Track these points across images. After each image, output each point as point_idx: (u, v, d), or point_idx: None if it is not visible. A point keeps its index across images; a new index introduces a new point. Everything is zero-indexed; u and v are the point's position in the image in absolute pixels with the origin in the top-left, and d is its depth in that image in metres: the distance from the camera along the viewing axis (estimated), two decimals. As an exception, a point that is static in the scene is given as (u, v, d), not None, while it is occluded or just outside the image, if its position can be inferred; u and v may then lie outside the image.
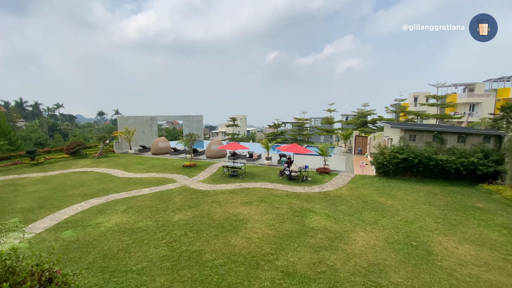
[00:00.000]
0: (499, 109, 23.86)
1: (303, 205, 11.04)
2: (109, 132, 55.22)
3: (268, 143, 20.81)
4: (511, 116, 21.20)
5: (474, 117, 36.22)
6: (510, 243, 7.82)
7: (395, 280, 6.05)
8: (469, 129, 18.03)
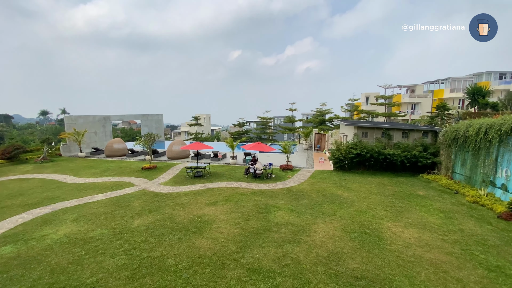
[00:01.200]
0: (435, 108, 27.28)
1: (268, 202, 11.29)
2: (54, 133, 49.41)
3: (233, 142, 20.77)
4: (444, 114, 24.39)
5: (415, 115, 40.83)
6: (446, 225, 9.01)
7: (352, 266, 6.56)
8: (411, 126, 20.27)
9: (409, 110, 42.76)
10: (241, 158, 21.59)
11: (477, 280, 6.02)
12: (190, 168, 16.41)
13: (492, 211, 10.01)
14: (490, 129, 11.22)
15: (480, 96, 22.71)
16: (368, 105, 47.37)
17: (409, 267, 6.51)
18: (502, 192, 10.79)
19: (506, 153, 10.59)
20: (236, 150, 21.96)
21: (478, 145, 11.98)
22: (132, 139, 47.80)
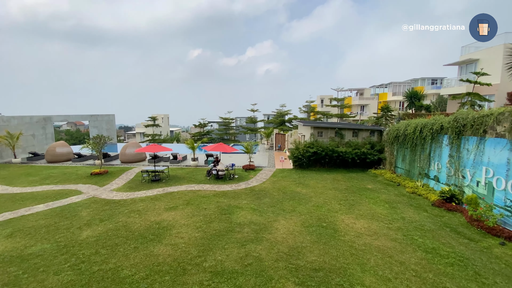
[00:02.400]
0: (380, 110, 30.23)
1: (231, 203, 11.25)
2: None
3: (194, 143, 20.20)
4: (388, 115, 27.17)
5: (364, 116, 44.72)
6: (390, 214, 10.05)
7: (310, 259, 6.91)
8: (360, 126, 22.16)
9: (358, 111, 46.69)
10: (202, 160, 21.12)
11: (417, 261, 6.84)
12: (147, 172, 15.49)
13: (427, 200, 11.48)
14: (424, 128, 12.87)
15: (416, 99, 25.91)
16: (323, 106, 50.43)
17: (361, 255, 7.12)
18: (435, 183, 12.45)
19: (437, 148, 12.25)
20: (198, 151, 21.42)
21: (415, 142, 13.64)
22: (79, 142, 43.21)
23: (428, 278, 6.12)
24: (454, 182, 11.05)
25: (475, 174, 9.94)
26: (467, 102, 17.03)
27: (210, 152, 21.32)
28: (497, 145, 9.00)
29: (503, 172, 8.76)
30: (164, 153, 23.21)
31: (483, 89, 18.83)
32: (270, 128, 33.82)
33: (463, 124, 10.47)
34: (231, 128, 47.58)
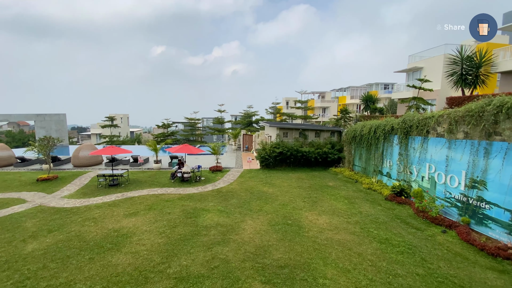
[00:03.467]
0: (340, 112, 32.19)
1: (197, 206, 10.99)
2: None
3: (157, 144, 19.28)
4: (346, 117, 29.02)
5: (325, 117, 47.17)
6: (349, 209, 10.75)
7: (276, 256, 7.07)
8: (322, 127, 23.33)
9: (320, 113, 49.11)
10: (166, 162, 20.28)
11: (372, 252, 7.41)
12: (103, 176, 14.36)
13: (381, 195, 12.53)
14: (378, 129, 14.03)
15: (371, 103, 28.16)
16: (288, 108, 51.99)
17: (323, 249, 7.49)
18: (387, 179, 13.63)
19: (389, 147, 13.44)
20: (161, 153, 20.52)
21: (370, 142, 14.80)
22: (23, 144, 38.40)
23: (382, 266, 6.68)
24: (403, 178, 12.23)
25: (420, 170, 11.13)
26: (413, 105, 18.98)
27: (174, 154, 20.57)
28: (438, 144, 10.20)
29: (443, 167, 9.96)
30: (124, 156, 21.76)
31: (427, 94, 21.20)
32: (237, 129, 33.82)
33: (410, 125, 11.66)
34: (197, 129, 46.48)
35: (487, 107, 8.00)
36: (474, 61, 15.94)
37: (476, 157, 8.54)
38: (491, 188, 8.11)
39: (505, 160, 7.65)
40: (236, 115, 58.71)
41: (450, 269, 6.58)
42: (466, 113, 8.75)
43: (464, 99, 13.42)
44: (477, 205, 8.58)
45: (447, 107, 14.39)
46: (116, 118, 48.79)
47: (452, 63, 16.70)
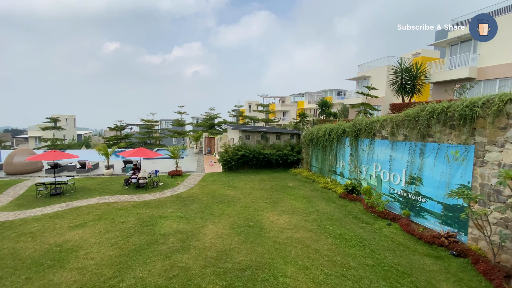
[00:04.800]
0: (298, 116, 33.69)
1: (154, 213, 10.39)
2: None
3: (108, 148, 17.78)
4: (304, 120, 30.50)
5: (285, 121, 48.89)
6: (307, 208, 11.26)
7: (238, 259, 7.05)
8: (282, 130, 24.13)
9: (281, 117, 50.78)
10: (119, 167, 18.82)
11: (328, 247, 7.87)
12: (44, 185, 12.72)
13: (336, 193, 13.40)
14: (332, 132, 15.02)
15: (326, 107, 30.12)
16: (251, 111, 52.65)
17: (283, 248, 7.71)
18: (341, 178, 14.65)
19: (341, 149, 14.47)
20: (113, 158, 18.97)
21: (325, 144, 15.77)
22: None
23: (337, 260, 7.14)
24: (354, 177, 13.29)
25: (369, 169, 12.22)
26: (362, 110, 20.81)
27: (128, 158, 19.20)
28: (382, 145, 11.33)
29: (387, 166, 11.08)
30: (69, 161, 19.59)
31: (373, 100, 23.43)
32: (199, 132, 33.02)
33: (359, 129, 12.73)
34: (155, 132, 44.13)
35: (421, 112, 9.16)
36: (411, 72, 18.18)
37: (414, 156, 9.71)
38: (426, 184, 9.29)
39: (437, 159, 8.84)
40: (198, 117, 57.32)
41: (395, 258, 7.33)
42: (405, 118, 9.90)
43: (404, 106, 15.17)
44: (415, 199, 9.74)
45: (390, 113, 16.08)
46: (60, 119, 43.75)
47: (394, 73, 18.80)
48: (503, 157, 6.96)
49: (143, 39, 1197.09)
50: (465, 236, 7.98)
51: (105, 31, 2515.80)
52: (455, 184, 8.18)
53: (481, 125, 7.48)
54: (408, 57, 23.12)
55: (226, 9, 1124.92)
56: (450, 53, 17.84)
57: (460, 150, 8.04)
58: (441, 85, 18.14)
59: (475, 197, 6.91)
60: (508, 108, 6.81)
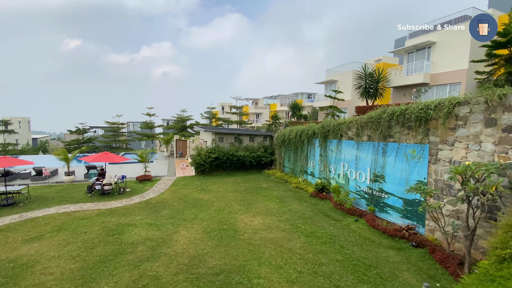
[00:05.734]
0: (271, 118, 34.22)
1: (121, 221, 9.83)
2: None
3: (68, 153, 16.46)
4: (277, 122, 31.08)
5: (258, 123, 49.35)
6: (280, 208, 11.45)
7: (211, 264, 6.94)
8: (255, 132, 24.33)
9: (254, 119, 51.16)
10: (82, 173, 17.52)
11: (301, 246, 8.08)
12: (-9, 196, 11.38)
13: (307, 192, 13.82)
14: (303, 133, 15.50)
15: (297, 110, 31.02)
16: (224, 113, 52.30)
17: (257, 250, 7.76)
18: (311, 178, 15.15)
19: (312, 149, 14.99)
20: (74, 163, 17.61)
21: (297, 145, 16.21)
22: None
23: (309, 258, 7.36)
24: (324, 176, 13.83)
25: (337, 168, 12.81)
26: (330, 113, 21.76)
27: (92, 164, 17.97)
28: (349, 146, 11.95)
29: (353, 166, 11.71)
30: (23, 168, 17.78)
31: (340, 103, 24.63)
32: (170, 134, 31.97)
33: (327, 130, 13.30)
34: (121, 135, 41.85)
35: (383, 115, 9.85)
36: (374, 77, 19.45)
37: (377, 156, 10.39)
38: (388, 181, 9.98)
39: (397, 158, 9.55)
40: (169, 119, 55.44)
41: (362, 252, 7.75)
42: (368, 120, 10.56)
43: (368, 108, 16.17)
44: (379, 195, 10.41)
45: (356, 115, 17.03)
46: (12, 122, 39.57)
47: (358, 78, 19.98)
48: (453, 155, 7.74)
49: (108, 37, 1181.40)
50: (423, 228, 8.71)
51: (65, 26, 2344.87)
52: (413, 180, 8.91)
53: (434, 126, 8.25)
54: (371, 63, 24.71)
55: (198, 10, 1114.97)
56: (407, 60, 19.44)
57: (417, 149, 8.78)
58: (400, 89, 19.67)
59: (430, 191, 7.61)
60: (457, 111, 7.60)
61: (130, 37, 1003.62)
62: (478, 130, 7.06)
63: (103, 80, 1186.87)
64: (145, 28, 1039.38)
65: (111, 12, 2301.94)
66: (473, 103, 7.16)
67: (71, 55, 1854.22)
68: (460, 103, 7.51)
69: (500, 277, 3.68)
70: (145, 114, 42.08)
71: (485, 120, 6.90)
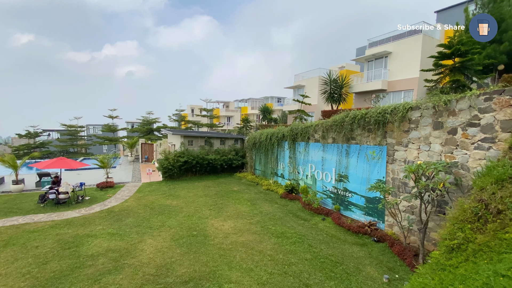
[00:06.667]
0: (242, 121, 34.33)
1: (79, 232, 9.05)
2: None
3: (17, 159, 14.76)
4: (247, 125, 31.26)
5: (230, 126, 49.16)
6: (251, 211, 11.48)
7: (180, 272, 6.70)
8: (226, 135, 24.18)
9: (225, 122, 50.85)
10: (33, 181, 15.81)
11: (272, 247, 8.17)
12: None
13: (277, 194, 14.06)
14: (273, 136, 15.79)
15: (268, 113, 31.55)
16: (194, 116, 51.11)
17: (228, 254, 7.68)
18: (281, 179, 15.46)
19: (281, 152, 15.32)
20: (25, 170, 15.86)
21: (267, 148, 16.46)
22: None
23: (279, 258, 7.48)
24: (293, 177, 14.22)
25: (305, 169, 13.25)
26: (298, 116, 22.50)
27: (45, 171, 16.32)
28: (316, 148, 12.45)
29: (320, 167, 12.21)
30: (-44, 178, 15.50)
31: (308, 107, 25.61)
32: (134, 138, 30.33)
33: (296, 133, 13.73)
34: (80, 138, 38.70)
35: (346, 118, 10.45)
36: (338, 83, 20.57)
37: (341, 157, 10.97)
38: (351, 180, 10.58)
39: (359, 158, 10.18)
40: (134, 122, 52.59)
41: (329, 250, 8.09)
42: (333, 123, 11.13)
43: (333, 112, 17.04)
44: (343, 194, 10.98)
45: (322, 118, 17.84)
46: None
47: (324, 84, 20.98)
48: (407, 155, 8.48)
49: (65, 33, 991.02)
50: (383, 224, 9.38)
51: (15, 20, 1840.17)
52: (373, 179, 9.56)
53: (390, 129, 8.97)
54: (335, 69, 26.12)
55: (166, 10, 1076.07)
56: (367, 68, 20.92)
57: (376, 150, 9.46)
58: (361, 94, 21.07)
59: (388, 189, 8.24)
60: (410, 115, 8.35)
61: (90, 34, 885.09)
62: (428, 132, 7.84)
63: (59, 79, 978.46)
64: (108, 26, 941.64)
65: (68, 7, 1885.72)
66: (423, 108, 7.94)
67: (22, 51, 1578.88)
68: (412, 108, 8.27)
69: (449, 265, 4.06)
70: (107, 117, 39.47)
71: (433, 123, 7.69)
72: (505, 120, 6.16)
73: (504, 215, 4.02)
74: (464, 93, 7.10)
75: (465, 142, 6.93)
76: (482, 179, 5.00)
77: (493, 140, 6.37)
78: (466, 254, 4.04)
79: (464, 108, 6.94)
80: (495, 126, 6.33)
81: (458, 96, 7.13)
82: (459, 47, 11.41)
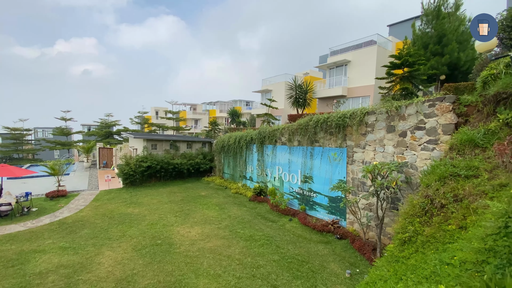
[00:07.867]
0: (210, 124, 33.83)
1: (24, 248, 8.05)
2: None
3: None
4: (216, 129, 30.89)
5: (197, 129, 48.08)
6: (220, 215, 11.31)
7: (143, 284, 6.32)
8: (193, 138, 23.59)
9: (193, 125, 49.61)
10: (-37, 194, 13.63)
11: (240, 251, 8.12)
12: None
13: (246, 197, 14.08)
14: (241, 139, 15.82)
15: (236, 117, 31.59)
16: (158, 118, 48.92)
17: (195, 261, 7.45)
18: (250, 182, 15.53)
19: (250, 155, 15.42)
20: (-49, 181, 13.52)
21: (236, 151, 16.43)
22: None
23: (248, 262, 7.47)
24: (262, 180, 14.38)
25: (273, 172, 13.50)
26: (265, 120, 22.90)
27: (-19, 180, 14.21)
28: (282, 150, 12.77)
29: (287, 168, 12.54)
30: None
31: (275, 111, 26.20)
32: (91, 142, 27.99)
33: (264, 136, 13.95)
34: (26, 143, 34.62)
35: (310, 122, 10.91)
36: (303, 89, 21.42)
37: (306, 159, 11.40)
38: (316, 181, 11.05)
39: (322, 160, 10.68)
40: (90, 125, 48.57)
41: (296, 249, 8.31)
42: (298, 127, 11.54)
43: (298, 116, 17.60)
44: (308, 195, 11.40)
45: (288, 122, 18.37)
46: None
47: (290, 89, 21.70)
48: (365, 156, 9.13)
49: (11, 26, 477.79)
50: (345, 221, 9.93)
51: None
52: (335, 180, 10.10)
53: (349, 132, 9.58)
54: (300, 75, 27.16)
55: (128, 8, 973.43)
56: (329, 75, 22.14)
57: (337, 152, 10.02)
58: (324, 100, 22.21)
59: (349, 188, 8.77)
60: (366, 119, 9.01)
61: (41, 28, 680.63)
62: (382, 135, 8.54)
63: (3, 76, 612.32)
64: (61, 20, 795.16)
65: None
66: (378, 113, 8.64)
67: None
68: (368, 112, 8.94)
69: (402, 257, 4.44)
70: (59, 119, 35.92)
71: (387, 127, 8.40)
72: (445, 124, 6.98)
73: (447, 208, 4.53)
74: (412, 99, 7.90)
75: (413, 144, 7.69)
76: (427, 177, 5.59)
77: (436, 142, 7.17)
78: (416, 245, 4.45)
79: (412, 113, 7.71)
80: (438, 129, 7.14)
81: (407, 102, 7.90)
82: (407, 58, 12.67)
